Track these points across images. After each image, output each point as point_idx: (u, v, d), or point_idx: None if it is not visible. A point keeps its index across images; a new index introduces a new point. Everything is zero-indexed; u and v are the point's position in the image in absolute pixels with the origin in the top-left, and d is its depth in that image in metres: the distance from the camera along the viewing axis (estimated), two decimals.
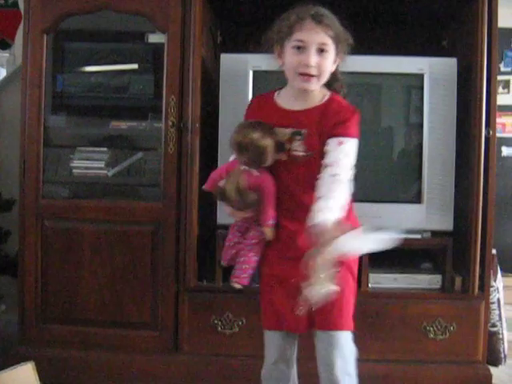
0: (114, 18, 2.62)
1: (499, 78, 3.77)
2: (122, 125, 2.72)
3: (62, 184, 2.75)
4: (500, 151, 4.33)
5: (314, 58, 1.78)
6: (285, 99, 1.91)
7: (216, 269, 2.56)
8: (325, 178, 1.75)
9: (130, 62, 2.78)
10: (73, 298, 2.58)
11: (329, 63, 1.82)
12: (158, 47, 2.63)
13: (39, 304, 2.60)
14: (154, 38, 2.70)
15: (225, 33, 2.93)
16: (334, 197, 1.71)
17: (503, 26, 2.92)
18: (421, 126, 2.53)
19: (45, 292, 2.60)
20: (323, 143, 1.81)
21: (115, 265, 2.56)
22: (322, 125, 1.81)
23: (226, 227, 2.56)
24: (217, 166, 2.53)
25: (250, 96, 2.52)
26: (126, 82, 2.75)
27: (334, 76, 1.90)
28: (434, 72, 2.52)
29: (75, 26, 2.66)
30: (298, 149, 1.83)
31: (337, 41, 1.81)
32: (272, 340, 1.97)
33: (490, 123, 2.46)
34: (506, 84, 4.42)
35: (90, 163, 2.68)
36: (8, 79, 3.45)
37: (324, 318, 1.86)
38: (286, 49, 1.83)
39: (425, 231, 2.56)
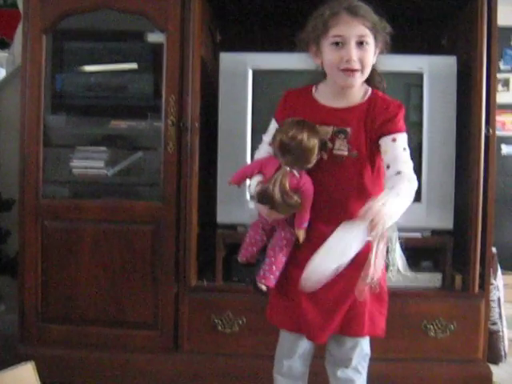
0: (113, 18, 2.61)
1: (499, 76, 3.78)
2: (122, 124, 2.71)
3: (62, 184, 2.75)
4: (500, 149, 4.33)
5: (355, 52, 1.71)
6: (324, 96, 1.83)
7: (216, 268, 2.56)
8: (390, 177, 1.72)
9: (130, 61, 2.77)
10: (73, 298, 2.58)
11: (370, 55, 1.75)
12: (158, 46, 2.62)
13: (39, 304, 2.60)
14: (153, 38, 2.69)
15: (224, 32, 2.93)
16: (398, 191, 1.66)
17: (502, 25, 2.92)
18: (420, 124, 2.52)
19: (45, 292, 2.60)
20: (370, 143, 1.77)
21: (115, 264, 2.56)
22: (369, 123, 1.76)
23: (226, 226, 2.58)
24: (216, 165, 2.53)
25: (250, 95, 2.52)
26: (126, 82, 2.74)
27: (373, 70, 1.82)
28: (434, 70, 2.52)
29: (74, 25, 2.65)
30: (342, 148, 1.77)
31: (375, 31, 1.74)
32: (289, 338, 1.95)
33: (489, 121, 2.46)
34: (506, 82, 4.42)
35: (89, 163, 2.68)
36: (7, 79, 3.45)
37: (355, 323, 1.86)
38: (323, 47, 1.76)
39: (425, 230, 2.56)
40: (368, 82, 1.83)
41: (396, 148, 1.74)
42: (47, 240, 2.58)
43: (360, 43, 1.72)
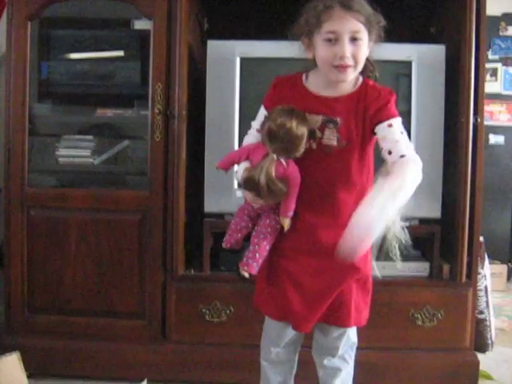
0: (100, 5, 2.59)
1: (487, 65, 3.78)
2: (108, 112, 2.68)
3: (48, 172, 2.72)
4: (487, 139, 4.34)
5: (348, 48, 1.69)
6: (315, 84, 1.82)
7: (204, 257, 2.55)
8: (394, 162, 1.70)
9: (116, 49, 2.74)
10: (59, 288, 2.56)
11: (363, 51, 1.73)
12: (144, 34, 2.59)
13: (25, 294, 2.58)
14: (140, 25, 2.67)
15: (212, 19, 2.90)
16: (404, 175, 1.67)
17: (491, 14, 2.91)
18: (409, 113, 2.51)
19: (31, 281, 2.58)
20: (362, 132, 1.76)
21: (102, 254, 2.54)
22: (360, 112, 1.75)
23: (213, 215, 2.56)
24: (204, 154, 2.52)
25: (238, 83, 2.50)
26: (112, 70, 2.71)
27: (366, 59, 1.80)
28: (422, 59, 2.51)
29: (60, 12, 2.62)
30: (331, 138, 1.76)
31: (369, 26, 1.72)
32: (275, 326, 1.95)
33: (477, 111, 2.46)
34: (494, 72, 4.43)
35: (75, 151, 2.65)
36: None
37: (341, 313, 1.87)
38: (316, 42, 1.74)
39: (412, 219, 2.56)
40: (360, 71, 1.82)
41: (394, 133, 1.74)
42: (33, 229, 2.56)
43: (354, 39, 1.70)
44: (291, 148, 1.75)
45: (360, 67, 1.75)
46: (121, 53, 2.74)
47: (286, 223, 1.82)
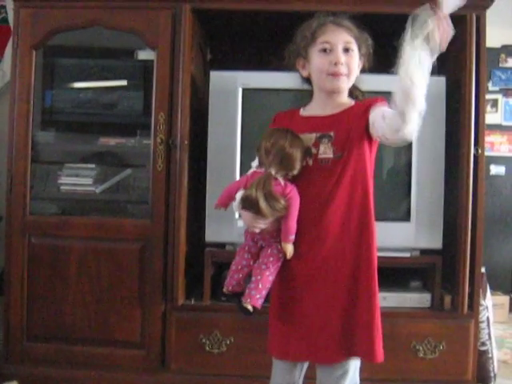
0: (104, 35, 2.62)
1: (487, 96, 3.80)
2: (111, 141, 2.70)
3: (50, 200, 2.73)
4: (488, 170, 4.34)
5: (342, 56, 1.79)
6: (310, 110, 1.89)
7: (204, 287, 2.54)
8: (391, 110, 1.68)
9: (120, 78, 2.77)
10: (59, 316, 2.55)
11: (356, 62, 1.83)
12: (148, 64, 2.63)
13: (25, 322, 2.57)
14: (144, 55, 2.70)
15: (214, 50, 2.94)
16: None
17: (491, 46, 2.94)
18: (409, 144, 2.52)
19: (31, 310, 2.57)
20: (356, 142, 1.77)
21: (102, 282, 2.53)
22: (351, 122, 1.78)
23: (214, 245, 2.56)
24: (206, 184, 2.53)
25: (240, 113, 2.52)
26: (115, 99, 2.74)
27: (355, 84, 1.90)
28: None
29: (65, 41, 2.66)
30: (326, 151, 1.78)
31: (359, 42, 1.84)
32: (277, 365, 1.91)
33: (478, 142, 2.48)
34: (495, 103, 4.45)
35: (78, 180, 2.67)
36: None
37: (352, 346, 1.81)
38: (311, 55, 1.84)
39: (414, 249, 2.56)
40: (350, 94, 1.89)
41: (385, 104, 1.73)
42: (34, 257, 2.56)
43: (346, 50, 1.81)
44: (287, 165, 1.76)
45: (352, 78, 1.83)
46: (124, 82, 2.76)
47: (289, 249, 1.78)
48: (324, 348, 1.80)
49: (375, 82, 2.04)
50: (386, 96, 1.74)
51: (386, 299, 2.55)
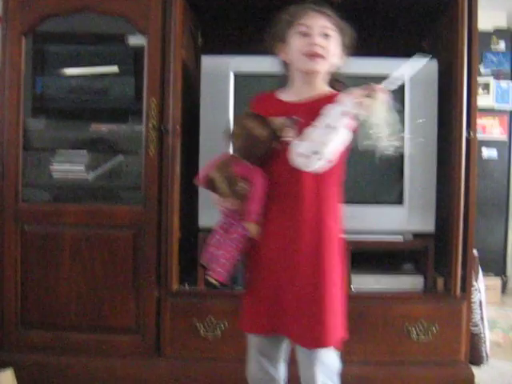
0: (94, 20, 2.60)
1: (479, 79, 3.81)
2: (103, 127, 2.69)
3: (42, 188, 2.72)
4: (480, 153, 4.36)
5: (319, 39, 1.81)
6: (286, 93, 1.91)
7: (198, 272, 2.54)
8: None
9: (110, 64, 2.75)
10: (53, 303, 2.55)
11: (334, 47, 1.83)
12: (139, 49, 2.61)
13: (19, 309, 2.57)
14: (135, 40, 2.68)
15: (206, 35, 2.92)
16: None
17: (483, 29, 2.94)
18: (402, 127, 2.53)
19: (24, 297, 2.56)
20: None
21: (96, 269, 2.53)
22: (316, 114, 1.76)
23: (208, 230, 2.55)
24: (198, 169, 2.52)
25: (232, 98, 2.52)
26: (107, 85, 2.73)
27: (338, 76, 1.91)
28: (415, 74, 2.52)
29: (55, 28, 2.63)
30: (292, 136, 1.79)
31: (340, 31, 1.85)
32: (251, 340, 1.96)
33: (470, 125, 2.48)
34: (486, 86, 4.46)
35: (70, 166, 2.65)
36: None
37: (302, 332, 1.82)
38: (289, 38, 1.85)
39: (406, 233, 2.57)
40: (333, 87, 1.89)
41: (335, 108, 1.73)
42: (27, 245, 2.55)
43: (325, 35, 1.82)
44: (252, 149, 1.81)
45: (330, 62, 1.84)
46: (115, 68, 2.75)
47: (252, 228, 1.82)
48: (290, 324, 1.83)
49: (359, 66, 2.04)
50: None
51: (379, 282, 2.57)
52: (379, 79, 1.72)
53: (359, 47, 1.94)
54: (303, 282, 1.80)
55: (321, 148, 1.67)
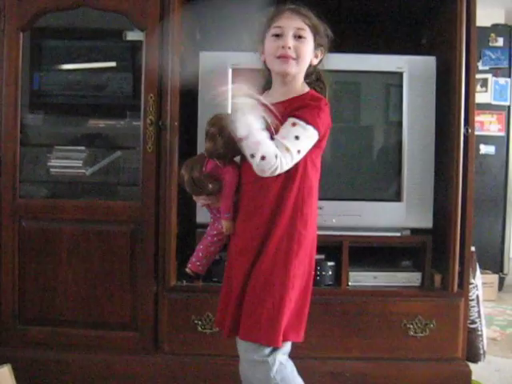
0: (92, 16, 2.59)
1: (477, 76, 3.80)
2: (100, 123, 2.69)
3: (40, 183, 2.71)
4: (478, 149, 4.36)
5: (291, 41, 1.82)
6: (269, 94, 1.92)
7: None
8: None
9: (108, 59, 2.75)
10: (51, 299, 2.55)
11: (307, 49, 1.84)
12: (137, 45, 2.61)
13: (16, 305, 2.56)
14: (132, 36, 2.68)
15: (204, 30, 2.91)
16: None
17: (481, 25, 2.93)
18: (400, 124, 2.53)
19: (22, 293, 2.56)
20: None
21: (94, 265, 2.53)
22: (285, 114, 1.80)
23: (205, 226, 2.56)
24: None
25: (229, 94, 2.50)
26: (104, 80, 2.72)
27: (317, 74, 1.93)
28: (413, 70, 2.52)
29: (52, 23, 2.62)
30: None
31: (314, 31, 1.85)
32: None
33: (468, 121, 2.48)
34: (484, 82, 4.46)
35: (67, 162, 2.65)
36: None
37: (242, 322, 1.87)
38: (266, 41, 1.88)
39: (404, 229, 2.57)
40: (311, 85, 1.91)
41: (291, 132, 1.75)
42: (25, 240, 2.55)
43: (298, 36, 1.83)
44: (224, 146, 1.84)
45: (303, 64, 1.85)
46: (113, 64, 2.75)
47: (225, 225, 1.90)
48: (229, 321, 1.89)
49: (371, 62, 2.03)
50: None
51: (377, 278, 2.58)
52: (378, 75, 1.72)
53: (358, 44, 1.94)
54: (255, 282, 1.82)
55: (255, 151, 1.72)
